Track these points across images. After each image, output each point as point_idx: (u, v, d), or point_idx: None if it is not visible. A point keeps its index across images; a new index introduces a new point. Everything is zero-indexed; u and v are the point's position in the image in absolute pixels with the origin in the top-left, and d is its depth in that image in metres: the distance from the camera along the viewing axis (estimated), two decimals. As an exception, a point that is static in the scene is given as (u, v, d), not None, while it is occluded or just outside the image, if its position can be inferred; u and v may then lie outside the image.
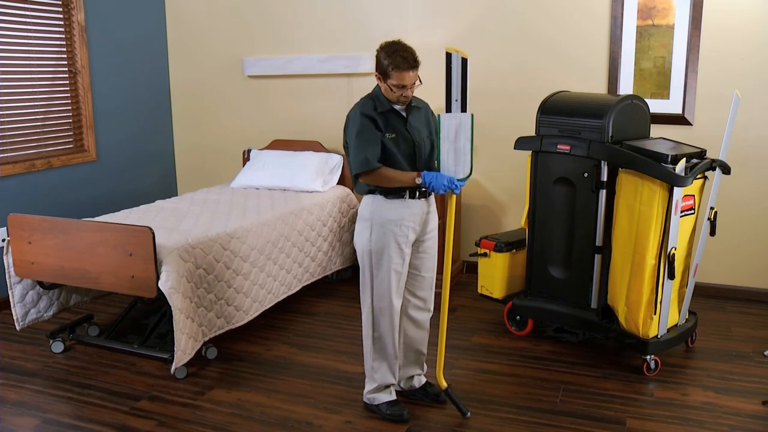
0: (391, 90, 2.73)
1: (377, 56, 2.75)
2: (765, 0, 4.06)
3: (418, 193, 2.82)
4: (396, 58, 2.67)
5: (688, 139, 4.22)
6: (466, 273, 4.95)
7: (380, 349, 2.93)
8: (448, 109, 2.73)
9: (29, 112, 4.50)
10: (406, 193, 2.79)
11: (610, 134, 3.36)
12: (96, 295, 3.98)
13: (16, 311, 3.61)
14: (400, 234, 2.80)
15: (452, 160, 2.74)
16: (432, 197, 2.93)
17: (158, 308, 3.93)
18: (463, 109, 2.72)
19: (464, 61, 2.68)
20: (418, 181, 2.72)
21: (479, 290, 4.03)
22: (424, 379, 3.13)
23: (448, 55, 2.69)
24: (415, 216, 2.83)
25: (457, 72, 2.69)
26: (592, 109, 3.44)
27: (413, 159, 2.82)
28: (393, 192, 2.79)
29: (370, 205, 2.84)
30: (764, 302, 4.33)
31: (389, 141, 2.77)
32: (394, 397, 2.99)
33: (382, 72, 2.73)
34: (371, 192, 2.84)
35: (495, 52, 4.67)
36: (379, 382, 2.96)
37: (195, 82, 5.59)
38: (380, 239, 2.80)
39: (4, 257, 3.60)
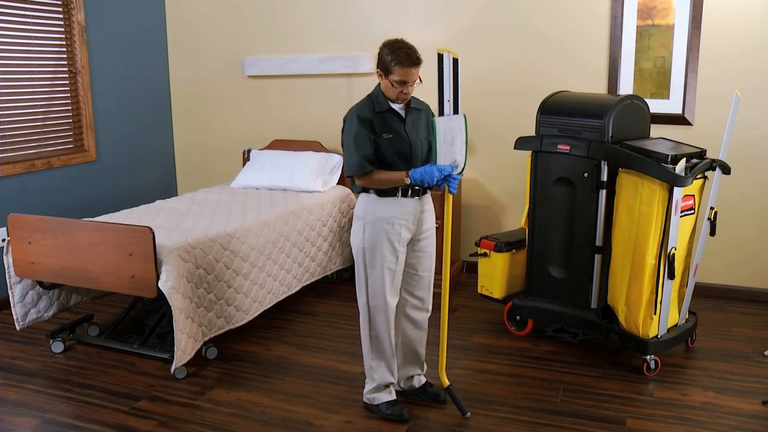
0: (392, 86, 2.73)
1: (380, 52, 2.76)
2: (765, 0, 4.06)
3: (411, 192, 2.83)
4: (400, 54, 2.69)
5: (688, 139, 4.22)
6: (466, 273, 4.95)
7: (377, 348, 2.93)
8: (441, 110, 2.74)
9: (29, 112, 4.50)
10: (398, 191, 2.81)
11: (610, 134, 3.36)
12: (96, 295, 3.98)
13: (16, 311, 3.61)
14: (392, 232, 2.81)
15: (448, 162, 2.75)
16: (427, 196, 2.94)
17: (158, 308, 3.94)
18: (455, 110, 2.73)
19: (455, 62, 2.69)
20: (408, 181, 2.74)
21: (479, 290, 4.03)
22: (423, 379, 3.13)
23: (440, 56, 2.70)
24: (408, 214, 2.84)
25: (448, 72, 2.70)
26: (592, 109, 3.44)
27: (409, 160, 2.83)
28: (386, 191, 2.81)
29: (363, 203, 2.86)
30: (764, 302, 4.33)
31: (385, 142, 2.78)
32: (393, 396, 2.99)
33: (384, 68, 2.74)
34: (365, 191, 2.85)
35: (495, 52, 4.67)
36: (378, 381, 2.96)
37: (195, 82, 5.59)
38: (373, 237, 2.82)
39: (4, 257, 3.60)
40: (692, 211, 3.32)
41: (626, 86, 4.39)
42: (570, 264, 3.59)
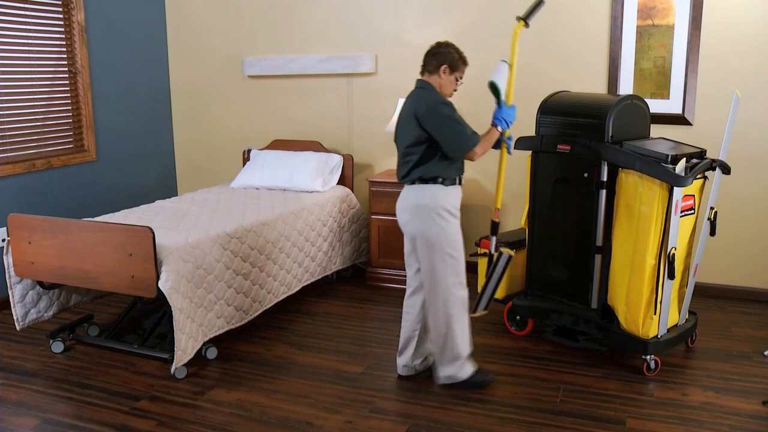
0: (456, 81, 3.07)
1: (447, 50, 3.04)
2: (765, 0, 4.06)
3: (459, 180, 3.11)
4: (463, 55, 3.08)
5: (688, 139, 4.22)
6: (466, 273, 4.94)
7: (465, 328, 3.14)
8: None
9: (29, 112, 4.50)
10: (457, 180, 3.08)
11: (610, 134, 3.36)
12: (96, 295, 3.99)
13: (16, 311, 3.61)
14: (457, 216, 3.09)
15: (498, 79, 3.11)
16: None
17: (158, 308, 3.94)
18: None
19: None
20: (500, 129, 3.08)
21: (479, 290, 4.02)
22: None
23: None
24: (460, 199, 3.12)
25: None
26: (592, 109, 3.44)
27: None
28: (451, 180, 3.04)
29: (432, 193, 3.01)
30: (764, 302, 4.33)
31: None
32: (474, 365, 3.20)
33: (452, 63, 3.03)
34: (432, 181, 3.01)
35: (494, 51, 4.67)
36: (465, 355, 3.15)
37: (195, 82, 5.60)
38: (451, 221, 3.04)
39: (4, 257, 3.60)
40: (692, 211, 3.32)
41: (626, 86, 4.39)
42: (570, 264, 3.59)
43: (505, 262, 3.29)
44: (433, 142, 2.98)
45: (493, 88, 3.08)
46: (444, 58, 3.03)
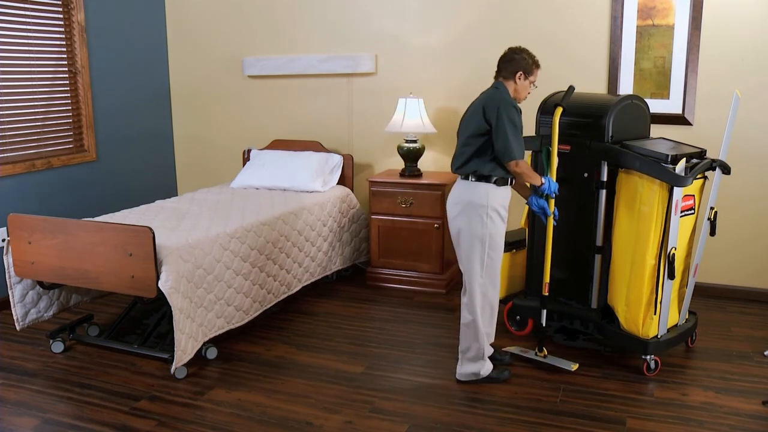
0: (530, 86, 3.16)
1: (521, 56, 3.12)
2: (765, 0, 4.06)
3: (511, 180, 3.15)
4: (536, 59, 3.16)
5: (688, 139, 4.22)
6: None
7: (484, 327, 3.19)
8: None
9: (29, 112, 4.50)
10: (510, 179, 3.12)
11: (610, 134, 3.36)
12: (96, 295, 3.99)
13: (16, 311, 3.61)
14: (505, 216, 3.14)
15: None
16: None
17: (158, 308, 3.94)
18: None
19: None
20: (543, 181, 3.16)
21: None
22: None
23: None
24: (509, 199, 3.16)
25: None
26: (592, 109, 3.44)
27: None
28: (503, 179, 3.08)
29: (484, 191, 3.06)
30: (764, 302, 4.33)
31: None
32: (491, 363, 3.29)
33: (527, 69, 3.12)
34: (486, 179, 3.06)
35: (494, 52, 4.64)
36: (487, 354, 3.24)
37: (195, 82, 5.59)
38: (498, 224, 3.09)
39: (4, 257, 3.60)
40: (692, 211, 3.32)
41: (626, 86, 4.39)
42: (570, 264, 3.59)
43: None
44: (491, 137, 3.03)
45: (546, 156, 3.30)
46: (518, 64, 3.12)
